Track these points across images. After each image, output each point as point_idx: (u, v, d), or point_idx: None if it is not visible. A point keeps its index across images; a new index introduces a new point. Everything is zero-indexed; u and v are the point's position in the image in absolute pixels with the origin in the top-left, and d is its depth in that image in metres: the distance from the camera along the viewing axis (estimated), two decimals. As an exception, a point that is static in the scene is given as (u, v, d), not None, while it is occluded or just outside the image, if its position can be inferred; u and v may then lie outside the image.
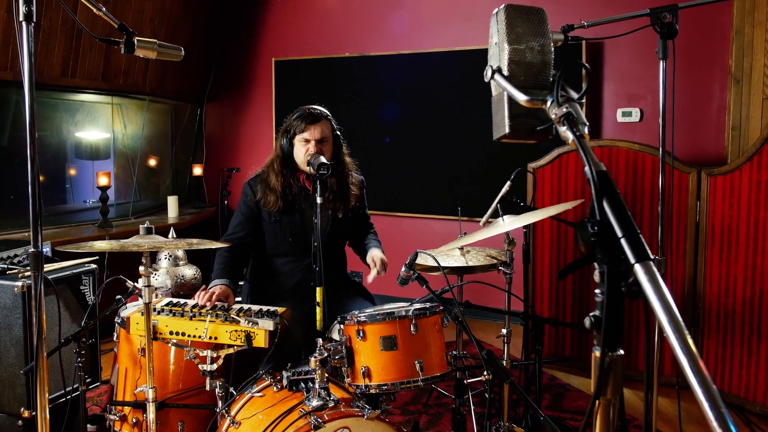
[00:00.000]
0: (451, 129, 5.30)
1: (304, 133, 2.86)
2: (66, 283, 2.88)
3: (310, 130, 2.86)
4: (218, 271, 2.87)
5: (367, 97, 5.58)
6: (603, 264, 0.88)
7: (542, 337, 2.52)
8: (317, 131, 2.86)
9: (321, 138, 2.86)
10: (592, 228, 0.88)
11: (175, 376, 2.64)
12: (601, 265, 0.89)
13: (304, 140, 2.87)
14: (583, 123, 0.98)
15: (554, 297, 4.09)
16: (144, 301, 2.25)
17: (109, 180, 4.78)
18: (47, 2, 4.21)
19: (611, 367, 0.91)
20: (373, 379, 2.18)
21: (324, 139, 2.88)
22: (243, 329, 2.37)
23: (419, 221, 5.52)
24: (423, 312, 2.23)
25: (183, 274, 3.70)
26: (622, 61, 4.85)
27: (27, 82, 1.90)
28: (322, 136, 2.87)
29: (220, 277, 2.83)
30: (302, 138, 2.87)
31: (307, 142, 2.86)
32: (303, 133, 2.87)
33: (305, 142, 2.87)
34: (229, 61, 6.35)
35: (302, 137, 2.87)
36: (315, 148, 2.84)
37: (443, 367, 2.24)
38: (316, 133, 2.85)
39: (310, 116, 2.88)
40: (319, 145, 2.85)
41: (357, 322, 2.22)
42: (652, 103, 4.78)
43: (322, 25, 5.89)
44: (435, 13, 5.42)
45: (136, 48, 2.04)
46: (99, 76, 4.83)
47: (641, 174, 3.84)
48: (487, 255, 3.00)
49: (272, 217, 2.96)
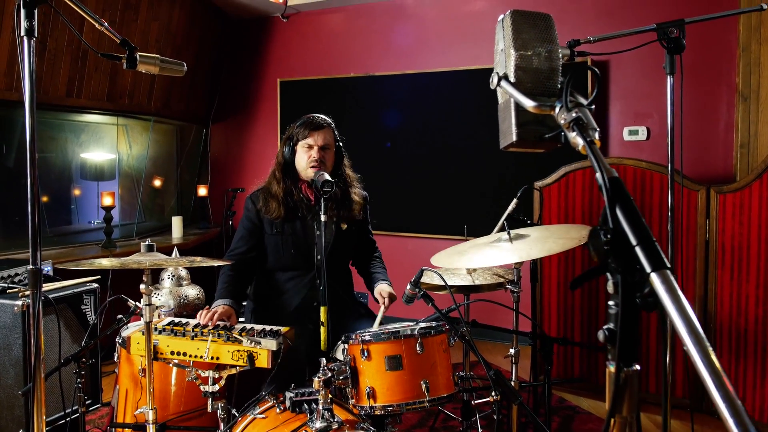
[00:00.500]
0: (457, 149, 5.27)
1: (307, 139, 2.84)
2: (67, 303, 2.85)
3: (314, 136, 2.84)
4: (221, 291, 2.83)
5: (372, 116, 5.57)
6: (617, 274, 0.84)
7: (551, 357, 2.46)
8: (320, 138, 2.84)
9: (324, 145, 2.85)
10: (604, 236, 0.84)
11: (176, 398, 2.59)
12: (615, 275, 0.85)
13: (307, 146, 2.85)
14: (594, 128, 0.94)
15: (563, 316, 4.03)
16: (145, 320, 2.22)
17: (113, 200, 4.77)
18: (53, 23, 4.23)
19: (627, 383, 0.86)
20: (378, 400, 2.13)
21: (327, 147, 2.86)
22: (245, 349, 2.32)
23: (425, 241, 5.47)
24: (429, 331, 2.18)
25: (186, 294, 3.66)
26: (627, 80, 4.83)
27: (27, 97, 1.89)
28: (324, 143, 2.85)
29: (223, 297, 2.79)
30: (305, 144, 2.85)
31: (309, 149, 2.84)
32: (306, 139, 2.85)
33: (308, 148, 2.85)
34: (235, 82, 6.37)
35: (305, 143, 2.85)
36: (318, 155, 2.82)
37: (450, 388, 2.18)
38: (319, 140, 2.84)
39: (313, 123, 2.86)
40: (321, 152, 2.83)
41: (361, 341, 2.17)
42: (658, 121, 4.75)
43: (327, 45, 5.91)
44: (440, 32, 5.43)
45: (138, 63, 2.02)
46: (104, 96, 4.84)
47: (649, 192, 3.79)
48: (494, 274, 2.95)
49: (274, 229, 2.92)
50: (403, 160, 5.48)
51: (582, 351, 3.97)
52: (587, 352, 3.95)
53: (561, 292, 4.03)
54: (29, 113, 1.86)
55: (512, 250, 2.41)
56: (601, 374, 3.93)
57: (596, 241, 0.86)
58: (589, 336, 3.92)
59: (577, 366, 4.02)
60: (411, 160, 5.45)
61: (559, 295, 4.04)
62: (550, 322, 4.06)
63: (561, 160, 4.07)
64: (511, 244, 2.45)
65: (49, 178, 5.02)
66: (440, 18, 5.44)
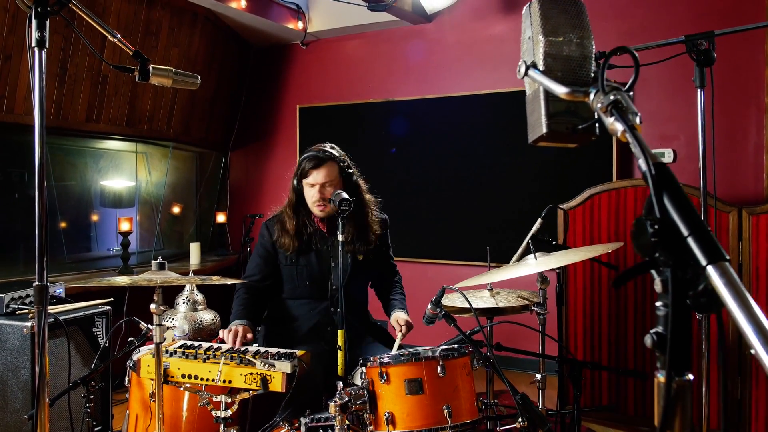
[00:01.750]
0: (477, 173, 5.19)
1: (308, 178, 2.77)
2: (78, 325, 2.78)
3: (313, 174, 2.75)
4: (237, 313, 2.76)
5: (392, 142, 5.51)
6: (666, 270, 0.74)
7: (580, 383, 2.32)
8: (320, 175, 2.74)
9: (325, 182, 2.75)
10: (651, 227, 0.74)
11: (188, 424, 2.49)
12: (664, 270, 0.75)
13: (309, 185, 2.78)
14: (634, 112, 0.85)
15: (589, 342, 3.88)
16: (155, 341, 2.13)
17: (130, 225, 4.73)
18: (74, 48, 4.25)
19: (679, 395, 0.76)
20: (398, 426, 2.01)
21: (329, 183, 2.76)
22: (259, 372, 2.22)
23: (445, 268, 5.35)
24: (451, 353, 2.07)
25: (201, 319, 3.58)
26: (652, 101, 4.72)
27: (37, 107, 1.84)
28: (325, 180, 2.75)
29: (239, 318, 2.73)
30: (308, 183, 2.78)
31: (312, 187, 2.77)
32: (307, 178, 2.77)
33: (310, 186, 2.77)
34: (254, 109, 6.37)
35: (307, 182, 2.78)
36: (318, 194, 2.74)
37: (474, 414, 2.07)
38: (319, 177, 2.75)
39: (314, 159, 2.76)
40: (323, 190, 2.75)
41: (380, 363, 2.06)
42: (685, 143, 4.64)
43: (347, 71, 5.89)
44: (460, 57, 5.39)
45: (151, 75, 1.98)
46: (123, 121, 4.84)
47: (678, 214, 3.66)
48: (518, 296, 2.83)
49: (288, 260, 2.85)
50: (423, 185, 5.40)
51: (610, 378, 3.81)
52: (615, 380, 3.79)
53: (587, 317, 3.89)
54: (38, 125, 1.81)
55: (536, 265, 2.30)
56: (630, 403, 3.76)
57: (642, 233, 0.76)
58: (617, 362, 3.76)
59: (605, 394, 3.85)
60: (431, 185, 5.37)
61: (585, 321, 3.89)
62: (576, 349, 3.91)
63: (584, 183, 3.97)
64: (536, 260, 2.34)
65: (69, 204, 5.02)
66: (460, 42, 5.40)
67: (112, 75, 4.58)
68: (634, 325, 3.73)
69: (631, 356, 3.75)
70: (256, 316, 2.83)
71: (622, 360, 3.75)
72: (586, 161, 4.77)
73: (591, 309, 3.88)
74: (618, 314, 3.80)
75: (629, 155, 4.78)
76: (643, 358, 3.70)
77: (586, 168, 4.76)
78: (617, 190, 3.84)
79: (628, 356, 3.76)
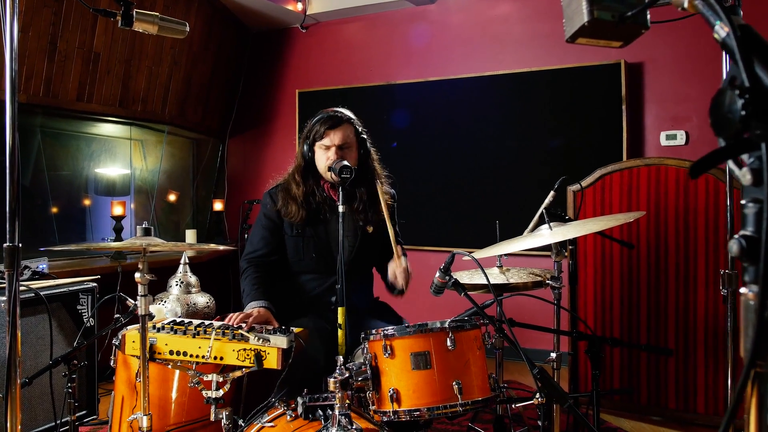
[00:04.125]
0: (482, 157, 5.02)
1: (323, 140, 2.59)
2: (61, 302, 2.59)
3: (330, 135, 2.58)
4: (252, 293, 2.52)
5: (395, 127, 5.34)
6: (758, 147, 0.57)
7: (600, 361, 2.14)
8: (337, 136, 2.58)
9: (342, 144, 2.58)
10: (741, 96, 0.57)
11: (177, 406, 2.32)
12: (756, 152, 0.58)
13: (324, 147, 2.60)
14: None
15: (600, 322, 3.71)
16: (140, 313, 1.97)
17: (123, 210, 4.56)
18: (64, 24, 4.08)
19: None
20: (403, 404, 1.84)
21: (345, 145, 2.60)
22: (253, 347, 2.06)
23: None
24: (461, 325, 1.90)
25: (195, 302, 3.42)
26: (664, 82, 4.56)
27: (8, 54, 1.68)
28: (343, 142, 2.59)
29: (256, 299, 2.49)
30: (322, 144, 2.60)
31: (327, 149, 2.59)
32: (323, 140, 2.60)
33: (326, 148, 2.60)
34: (252, 94, 6.21)
35: (322, 144, 2.60)
36: (336, 155, 2.57)
37: (486, 391, 1.89)
38: (336, 139, 2.58)
39: (329, 120, 2.60)
40: (340, 152, 2.57)
41: (384, 336, 1.89)
42: (698, 125, 4.47)
43: (347, 55, 5.73)
44: (463, 38, 5.23)
45: (134, 21, 1.81)
46: (116, 102, 4.67)
47: (693, 194, 3.49)
48: (529, 272, 2.66)
49: (294, 230, 2.67)
50: (425, 170, 5.23)
51: (622, 365, 3.63)
52: (627, 367, 3.62)
53: (597, 297, 3.73)
54: (9, 69, 1.65)
55: (551, 235, 2.14)
56: (644, 391, 3.59)
57: (725, 108, 0.59)
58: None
59: (617, 378, 3.68)
60: (433, 170, 5.20)
61: (596, 300, 3.73)
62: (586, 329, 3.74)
63: (594, 165, 3.80)
64: (551, 231, 2.17)
65: (62, 192, 4.86)
66: (463, 23, 5.24)
67: (104, 53, 4.41)
68: (647, 306, 3.57)
69: (644, 338, 3.59)
70: (273, 295, 2.57)
71: (635, 340, 3.58)
72: (596, 142, 4.61)
73: (602, 288, 3.72)
74: (630, 294, 3.63)
75: (640, 140, 4.61)
76: (656, 340, 3.54)
77: (595, 150, 4.60)
78: (629, 169, 3.68)
79: (641, 338, 3.59)
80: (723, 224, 3.39)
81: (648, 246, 3.59)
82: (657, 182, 3.58)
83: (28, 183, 4.55)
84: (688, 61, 4.48)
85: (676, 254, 3.52)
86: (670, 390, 3.53)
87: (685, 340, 3.47)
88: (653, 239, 3.58)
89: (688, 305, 3.47)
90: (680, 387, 3.50)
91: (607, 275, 3.70)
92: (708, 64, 4.40)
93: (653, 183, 3.59)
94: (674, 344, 3.49)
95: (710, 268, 3.43)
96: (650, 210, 3.57)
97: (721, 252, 3.39)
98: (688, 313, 3.47)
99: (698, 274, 3.46)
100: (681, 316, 3.49)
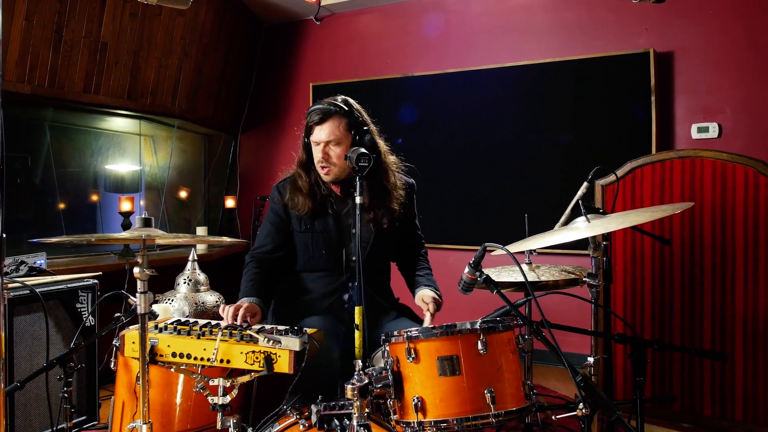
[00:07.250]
0: (502, 151, 4.82)
1: (311, 136, 2.43)
2: (58, 299, 2.43)
3: (315, 131, 2.40)
4: (247, 289, 2.41)
5: (412, 120, 5.16)
6: None
7: (644, 366, 1.94)
8: (324, 132, 2.38)
9: (329, 140, 2.39)
10: None
11: (182, 412, 2.15)
12: None
13: (314, 143, 2.43)
14: None
15: (629, 323, 3.50)
16: (139, 312, 1.80)
17: (132, 205, 4.41)
18: (70, 13, 3.93)
19: None
20: (429, 414, 1.65)
21: (333, 141, 2.39)
22: (262, 349, 1.88)
23: (469, 254, 4.96)
24: (494, 326, 1.71)
25: (204, 300, 3.26)
26: (694, 73, 4.35)
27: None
28: (329, 138, 2.38)
29: (248, 295, 2.37)
30: (313, 141, 2.43)
31: (317, 146, 2.42)
32: (311, 136, 2.43)
33: (316, 144, 2.42)
34: (265, 88, 6.04)
35: (312, 140, 2.43)
36: (322, 154, 2.40)
37: (520, 400, 1.70)
38: (322, 134, 2.39)
39: (316, 114, 2.40)
40: (327, 150, 2.40)
41: (407, 338, 1.70)
42: (731, 117, 4.25)
43: (362, 47, 5.55)
44: (482, 29, 5.04)
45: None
46: (124, 94, 4.52)
47: (731, 187, 3.28)
48: (561, 270, 2.47)
49: (303, 225, 2.50)
50: (443, 164, 5.03)
51: (654, 369, 3.43)
52: (659, 370, 3.41)
53: (628, 297, 3.52)
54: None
55: (588, 228, 1.94)
56: (677, 396, 3.38)
57: None
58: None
59: (648, 385, 3.47)
60: (452, 164, 5.01)
61: (626, 300, 3.52)
62: (616, 330, 3.53)
63: (620, 158, 3.61)
64: (588, 224, 1.98)
65: (71, 188, 4.74)
66: (483, 12, 5.05)
67: (112, 43, 4.26)
68: (681, 306, 3.36)
69: (678, 340, 3.38)
70: (268, 294, 2.47)
71: (668, 343, 3.38)
72: (623, 135, 4.41)
73: (633, 287, 3.51)
74: (663, 294, 3.43)
75: (670, 133, 4.40)
76: (691, 342, 3.33)
77: (622, 143, 4.40)
78: (661, 162, 3.47)
79: (674, 340, 3.39)
80: (763, 219, 3.19)
81: (682, 242, 3.38)
82: (692, 175, 3.38)
83: (38, 181, 4.43)
84: (721, 49, 4.26)
85: (712, 251, 3.31)
86: (705, 396, 3.32)
87: (722, 342, 3.26)
88: (687, 235, 3.38)
89: (726, 306, 3.27)
90: (716, 393, 3.29)
91: (638, 273, 3.50)
92: (741, 53, 4.19)
93: (687, 176, 3.39)
94: (710, 347, 3.28)
95: (749, 266, 3.22)
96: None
97: (761, 249, 3.19)
98: (725, 314, 3.26)
99: (736, 272, 3.25)
100: (717, 317, 3.28)
